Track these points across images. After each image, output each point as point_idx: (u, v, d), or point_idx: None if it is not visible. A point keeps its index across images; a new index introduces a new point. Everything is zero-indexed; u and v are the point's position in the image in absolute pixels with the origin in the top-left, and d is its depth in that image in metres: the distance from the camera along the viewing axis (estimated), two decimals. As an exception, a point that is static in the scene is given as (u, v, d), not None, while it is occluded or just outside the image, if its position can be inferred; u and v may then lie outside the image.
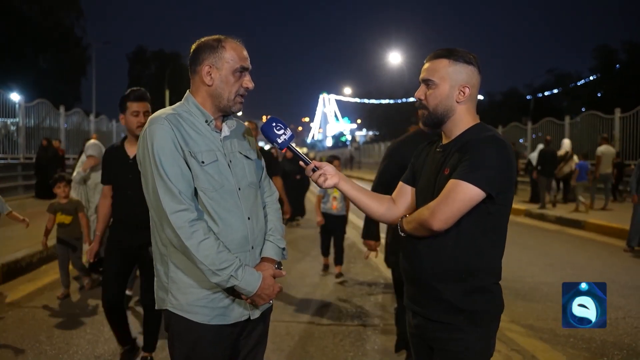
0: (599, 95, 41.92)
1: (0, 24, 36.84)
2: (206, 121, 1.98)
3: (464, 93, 1.91)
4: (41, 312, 5.02)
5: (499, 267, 1.94)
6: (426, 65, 1.95)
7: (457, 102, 1.92)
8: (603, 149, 12.92)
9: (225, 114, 2.04)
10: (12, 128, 15.98)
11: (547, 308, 5.26)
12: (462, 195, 1.76)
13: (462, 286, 1.86)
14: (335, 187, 2.02)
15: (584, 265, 7.55)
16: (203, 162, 1.90)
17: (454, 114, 1.93)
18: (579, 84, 44.33)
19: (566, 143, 14.25)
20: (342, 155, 59.87)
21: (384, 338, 4.43)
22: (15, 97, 17.34)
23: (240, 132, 2.12)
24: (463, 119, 1.94)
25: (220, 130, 2.02)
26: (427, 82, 1.93)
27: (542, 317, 5.00)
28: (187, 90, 2.05)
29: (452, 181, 1.79)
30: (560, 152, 13.83)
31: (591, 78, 43.26)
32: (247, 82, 2.00)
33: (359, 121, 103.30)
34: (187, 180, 1.86)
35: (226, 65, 1.95)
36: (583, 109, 30.89)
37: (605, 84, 40.81)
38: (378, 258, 7.79)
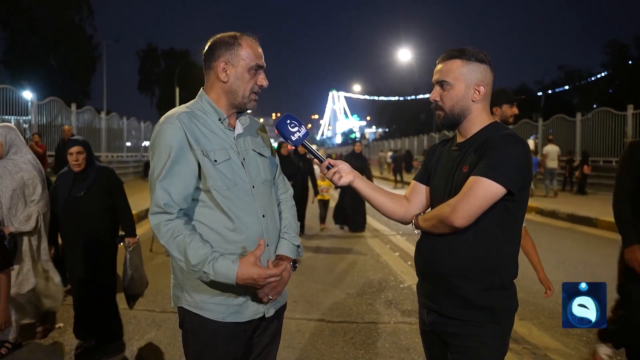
0: (610, 91, 41.60)
1: (12, 23, 37.14)
2: (219, 119, 1.98)
3: (479, 92, 1.92)
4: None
5: (515, 264, 1.94)
6: (439, 67, 1.95)
7: (473, 101, 1.92)
8: (549, 147, 15.64)
9: (240, 111, 2.05)
10: (25, 126, 16.12)
11: (558, 306, 5.15)
12: (484, 191, 1.76)
13: (481, 283, 1.86)
14: (350, 184, 2.02)
15: (596, 263, 7.49)
16: (216, 161, 1.90)
17: (470, 113, 1.93)
18: (590, 80, 44.00)
19: (530, 143, 16.36)
20: (348, 152, 59.77)
21: (395, 336, 4.42)
22: (27, 95, 17.50)
23: (253, 130, 2.12)
24: (479, 118, 1.95)
25: (234, 128, 2.02)
26: (442, 84, 1.93)
27: (554, 315, 4.97)
28: (201, 88, 2.06)
29: (473, 178, 1.79)
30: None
31: (603, 74, 42.92)
32: (262, 80, 2.01)
33: (368, 118, 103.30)
34: (184, 182, 1.86)
35: (242, 63, 1.95)
36: (595, 106, 30.66)
37: (617, 80, 40.46)
38: (388, 256, 7.79)
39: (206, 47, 2.00)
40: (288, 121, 2.00)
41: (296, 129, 1.99)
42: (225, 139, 1.97)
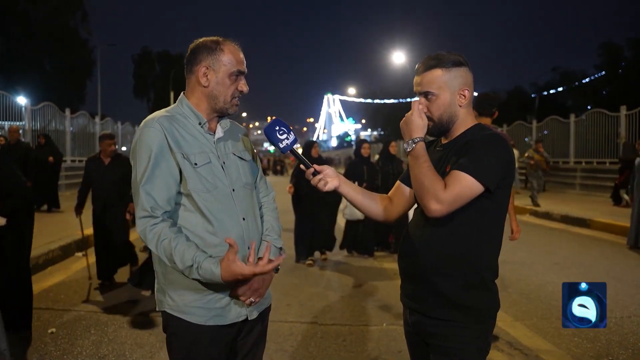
0: (604, 93, 41.76)
1: (6, 26, 37.05)
2: (199, 123, 1.99)
3: (464, 96, 1.94)
4: (45, 313, 5.04)
5: (496, 264, 1.95)
6: (419, 79, 1.95)
7: (460, 106, 1.94)
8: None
9: (221, 115, 2.05)
10: (19, 131, 16.06)
11: (552, 307, 5.23)
12: (463, 182, 1.77)
13: (462, 282, 1.87)
14: (335, 190, 2.02)
15: (590, 264, 7.52)
16: (196, 164, 1.91)
17: (457, 118, 1.95)
18: (584, 81, 44.15)
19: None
20: (343, 155, 59.70)
21: (386, 338, 4.42)
22: (21, 100, 17.43)
23: (234, 133, 2.13)
24: (465, 121, 1.97)
25: (214, 132, 2.03)
26: (426, 95, 1.93)
27: (547, 316, 4.98)
28: (182, 92, 2.07)
29: (453, 171, 1.81)
30: None
31: (596, 76, 43.08)
32: (242, 85, 2.02)
33: (363, 121, 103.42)
34: (166, 185, 1.87)
35: (223, 68, 1.96)
36: (589, 107, 30.77)
37: (611, 82, 40.64)
38: (381, 259, 7.79)
39: (188, 51, 2.02)
40: (277, 127, 1.99)
41: (285, 135, 1.99)
42: (205, 143, 1.98)
